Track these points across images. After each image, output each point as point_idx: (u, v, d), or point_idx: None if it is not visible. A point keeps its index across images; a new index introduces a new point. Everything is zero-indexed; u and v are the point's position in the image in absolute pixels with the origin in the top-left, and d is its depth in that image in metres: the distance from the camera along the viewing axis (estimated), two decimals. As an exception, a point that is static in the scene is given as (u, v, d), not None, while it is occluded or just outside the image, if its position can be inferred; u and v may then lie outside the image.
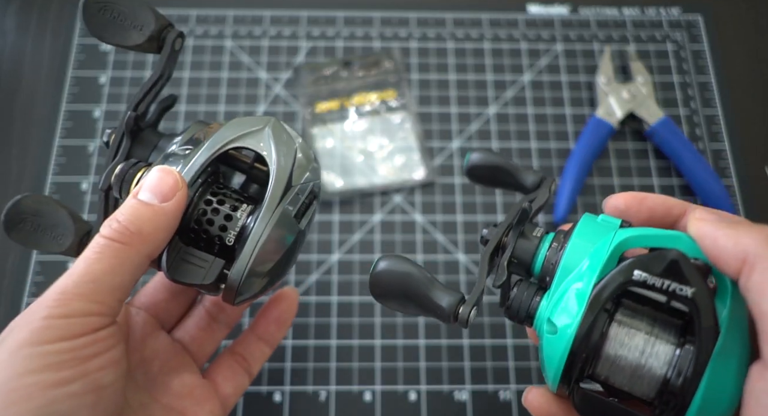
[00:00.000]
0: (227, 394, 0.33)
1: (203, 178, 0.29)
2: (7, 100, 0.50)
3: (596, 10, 0.55)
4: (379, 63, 0.52)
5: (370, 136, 0.49)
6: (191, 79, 0.51)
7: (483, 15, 0.55)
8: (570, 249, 0.25)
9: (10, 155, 0.48)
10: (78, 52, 0.52)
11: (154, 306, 0.33)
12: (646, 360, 0.23)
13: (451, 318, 0.25)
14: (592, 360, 0.23)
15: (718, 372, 0.21)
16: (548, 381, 0.25)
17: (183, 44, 0.31)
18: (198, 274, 0.28)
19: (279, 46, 0.53)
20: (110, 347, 0.24)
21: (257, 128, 0.29)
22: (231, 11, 0.54)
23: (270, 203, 0.27)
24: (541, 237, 0.26)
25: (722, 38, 0.54)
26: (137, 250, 0.25)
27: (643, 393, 0.23)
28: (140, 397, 0.29)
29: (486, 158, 0.29)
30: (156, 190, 0.26)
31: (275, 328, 0.36)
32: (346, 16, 0.54)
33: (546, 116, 0.51)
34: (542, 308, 0.25)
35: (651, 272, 0.22)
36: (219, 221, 0.28)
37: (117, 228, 0.25)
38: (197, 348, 0.33)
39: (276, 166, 0.28)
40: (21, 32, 0.53)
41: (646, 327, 0.23)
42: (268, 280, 0.29)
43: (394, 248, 0.46)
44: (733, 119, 0.51)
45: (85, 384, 0.23)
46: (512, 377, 0.42)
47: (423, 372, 0.42)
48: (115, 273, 0.24)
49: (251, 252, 0.27)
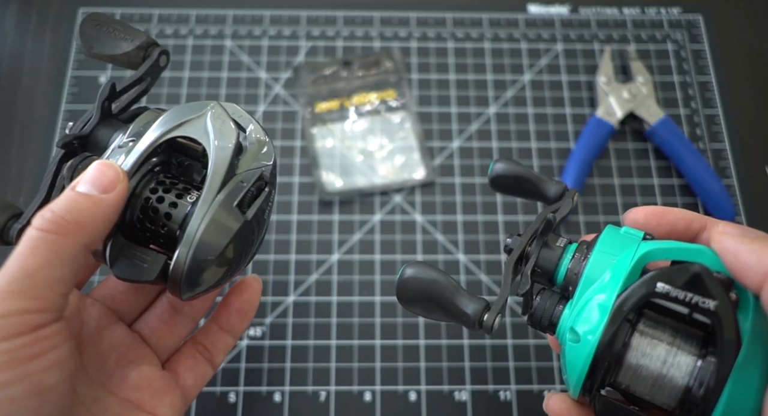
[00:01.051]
0: (188, 385, 0.32)
1: (147, 168, 0.28)
2: (7, 100, 0.50)
3: (596, 10, 0.55)
4: (379, 63, 0.52)
5: (370, 135, 0.49)
6: (191, 79, 0.51)
7: (483, 15, 0.54)
8: (593, 261, 0.25)
9: (9, 155, 0.48)
10: (78, 52, 0.52)
11: (113, 298, 0.32)
12: (668, 370, 0.23)
13: (476, 325, 0.25)
14: (614, 368, 0.24)
15: (740, 384, 0.22)
16: (570, 388, 0.25)
17: (167, 63, 0.32)
18: (139, 271, 0.27)
19: (279, 45, 0.53)
20: (54, 346, 0.23)
21: (197, 115, 0.28)
22: (231, 11, 0.54)
23: (207, 194, 0.27)
24: (564, 248, 0.27)
25: (722, 38, 0.54)
26: (74, 241, 0.24)
27: (664, 403, 0.23)
28: (95, 392, 0.28)
29: (510, 168, 0.29)
30: (96, 182, 0.25)
31: (237, 319, 0.34)
32: (346, 15, 0.54)
33: (546, 116, 0.51)
34: (565, 317, 0.25)
35: (674, 285, 0.23)
36: (164, 209, 0.28)
37: (51, 218, 0.24)
38: (157, 341, 0.32)
39: (213, 154, 0.27)
40: (20, 32, 0.53)
41: (668, 337, 0.24)
42: (218, 273, 0.28)
43: (394, 248, 0.46)
44: (734, 119, 0.51)
45: (27, 386, 0.22)
46: (512, 377, 0.42)
47: (423, 372, 0.42)
48: (52, 266, 0.23)
49: (189, 243, 0.26)
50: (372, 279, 0.45)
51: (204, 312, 0.35)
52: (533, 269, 0.26)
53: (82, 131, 0.29)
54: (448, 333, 0.43)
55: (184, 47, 0.52)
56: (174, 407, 0.30)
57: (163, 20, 0.53)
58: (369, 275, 0.45)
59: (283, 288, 0.44)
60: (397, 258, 0.46)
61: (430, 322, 0.43)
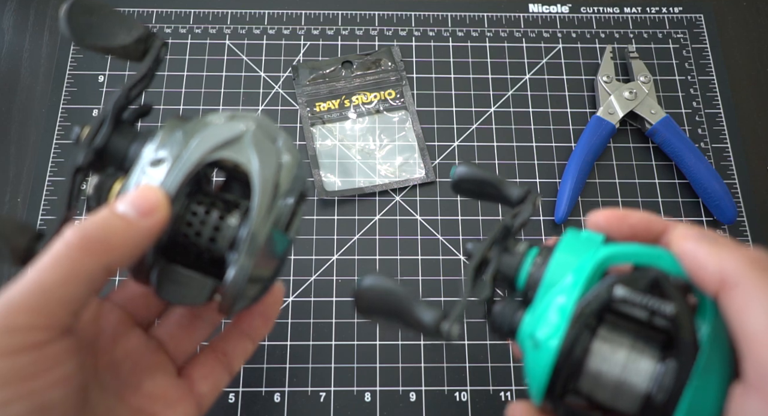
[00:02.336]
0: (203, 393, 0.32)
1: (186, 190, 0.28)
2: (5, 99, 0.50)
3: (597, 9, 0.55)
4: (378, 62, 0.51)
5: (370, 135, 0.49)
6: (190, 78, 0.51)
7: (484, 13, 0.54)
8: (553, 265, 0.25)
9: (8, 155, 0.48)
10: (76, 52, 0.51)
11: (132, 301, 0.32)
12: (629, 375, 0.23)
13: (434, 333, 0.25)
14: (576, 374, 0.23)
15: (700, 388, 0.22)
16: (532, 396, 0.25)
17: (167, 54, 0.31)
18: (189, 295, 0.27)
19: (278, 44, 0.52)
20: (59, 363, 0.22)
21: (236, 135, 0.28)
22: (230, 9, 0.54)
23: (258, 221, 0.27)
24: (524, 253, 0.27)
25: (724, 37, 0.54)
26: (96, 261, 0.23)
27: (626, 408, 0.23)
28: (107, 401, 0.28)
29: (471, 172, 0.29)
30: (136, 205, 0.25)
31: (260, 323, 0.34)
32: (345, 14, 0.54)
33: (547, 115, 0.50)
34: (525, 323, 0.25)
35: (633, 290, 0.23)
36: (208, 232, 0.28)
37: (81, 234, 0.23)
38: (175, 347, 0.32)
39: (260, 178, 0.27)
40: (18, 31, 0.53)
41: (629, 342, 0.23)
42: (262, 288, 0.28)
43: (394, 248, 0.46)
44: (735, 118, 0.50)
45: (29, 404, 0.21)
46: (512, 377, 0.42)
47: (423, 373, 0.42)
48: (68, 284, 0.23)
49: (244, 268, 0.26)
50: (372, 279, 0.45)
51: (222, 318, 0.35)
52: (494, 275, 0.26)
53: (97, 143, 0.28)
54: (449, 334, 0.43)
55: (182, 46, 0.52)
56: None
57: (162, 19, 0.53)
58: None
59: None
60: (397, 258, 0.45)
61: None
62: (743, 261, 0.21)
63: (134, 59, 0.30)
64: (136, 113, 0.31)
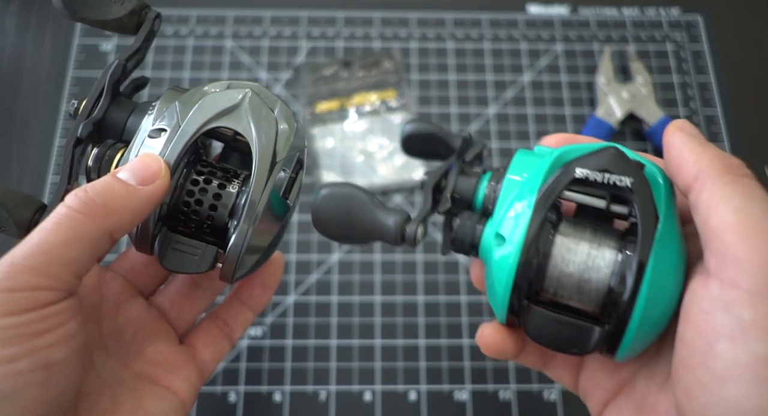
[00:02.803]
0: (206, 360, 0.32)
1: (185, 159, 0.28)
2: (7, 100, 0.50)
3: (596, 11, 0.55)
4: (379, 63, 0.52)
5: (370, 136, 0.49)
6: (192, 80, 0.51)
7: (483, 15, 0.55)
8: (510, 173, 0.25)
9: (10, 155, 0.48)
10: (78, 52, 0.52)
11: (133, 270, 0.32)
12: (591, 270, 0.23)
13: (399, 237, 0.25)
14: (540, 274, 0.24)
15: (661, 257, 0.22)
16: (497, 309, 0.25)
17: (160, 26, 0.31)
18: (192, 263, 0.28)
19: (279, 46, 0.53)
20: (62, 322, 0.23)
21: (234, 104, 0.28)
22: (231, 11, 0.54)
23: (257, 187, 0.27)
24: (480, 174, 0.27)
25: (722, 38, 0.54)
26: (97, 224, 0.24)
27: (590, 305, 0.23)
28: (111, 365, 0.29)
29: (420, 127, 0.29)
30: (137, 172, 0.25)
31: (260, 292, 0.35)
32: (346, 16, 0.54)
33: (546, 116, 0.51)
34: (487, 230, 0.25)
35: (591, 168, 0.23)
36: (208, 200, 0.28)
37: (82, 197, 0.24)
38: (176, 315, 0.33)
39: (258, 145, 0.27)
40: (21, 32, 0.53)
41: (590, 235, 0.24)
42: (262, 256, 0.29)
43: (393, 248, 0.46)
44: (733, 119, 0.51)
45: (33, 361, 0.22)
46: (512, 377, 0.42)
47: (423, 372, 0.42)
48: (71, 246, 0.23)
49: (245, 234, 0.27)
50: (372, 279, 0.45)
51: (224, 287, 0.35)
52: (452, 196, 0.26)
53: (96, 115, 0.28)
54: (448, 333, 0.43)
55: (184, 48, 0.52)
56: (190, 381, 0.31)
57: (164, 21, 0.53)
58: (369, 275, 0.45)
59: (283, 288, 0.45)
60: (397, 258, 0.46)
61: (431, 322, 0.44)
62: (719, 164, 0.22)
63: (128, 32, 0.30)
64: (133, 86, 0.31)
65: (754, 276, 0.19)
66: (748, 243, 0.20)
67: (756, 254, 0.19)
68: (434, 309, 0.44)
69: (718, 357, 0.19)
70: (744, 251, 0.19)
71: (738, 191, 0.21)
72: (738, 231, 0.20)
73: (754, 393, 0.18)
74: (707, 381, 0.20)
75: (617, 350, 0.23)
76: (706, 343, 0.20)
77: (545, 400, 0.42)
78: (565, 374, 0.28)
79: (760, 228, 0.20)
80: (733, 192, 0.21)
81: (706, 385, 0.20)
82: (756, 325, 0.19)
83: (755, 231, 0.20)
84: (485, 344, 0.26)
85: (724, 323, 0.19)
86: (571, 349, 0.24)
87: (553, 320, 0.24)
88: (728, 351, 0.19)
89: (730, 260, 0.20)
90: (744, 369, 0.19)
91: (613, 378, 0.26)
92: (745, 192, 0.21)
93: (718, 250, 0.20)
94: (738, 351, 0.19)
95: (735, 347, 0.19)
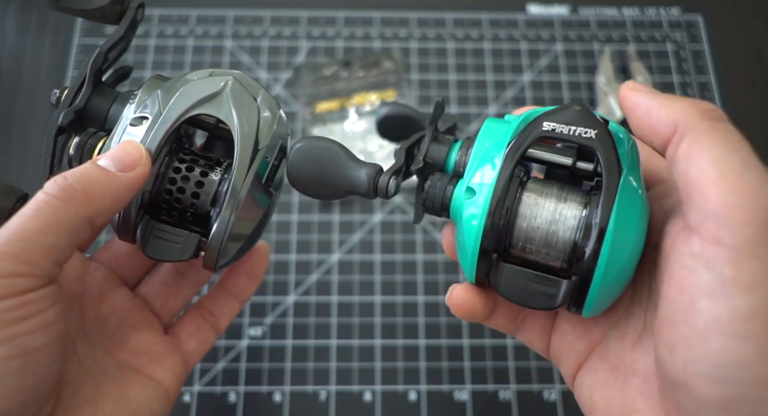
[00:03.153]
0: (190, 350, 0.32)
1: (167, 147, 0.28)
2: (8, 100, 0.50)
3: (596, 10, 0.55)
4: (379, 63, 0.52)
5: (370, 136, 0.49)
6: (191, 79, 0.51)
7: (483, 15, 0.55)
8: (481, 135, 0.26)
9: (10, 155, 0.48)
10: (78, 52, 0.52)
11: (117, 260, 0.32)
12: (560, 214, 0.24)
13: (371, 189, 0.25)
14: (510, 227, 0.24)
15: (624, 207, 0.22)
16: (468, 261, 0.25)
17: (143, 15, 0.31)
18: (175, 251, 0.28)
19: (279, 46, 0.53)
20: (41, 309, 0.23)
21: (216, 91, 0.28)
22: (231, 11, 0.54)
23: (239, 173, 0.27)
24: (452, 141, 0.28)
25: (722, 38, 0.54)
26: (76, 210, 0.24)
27: (558, 255, 0.24)
28: (94, 354, 0.29)
29: (395, 110, 0.29)
30: (117, 159, 0.25)
31: (246, 282, 0.35)
32: (346, 16, 0.54)
33: (546, 116, 0.51)
34: (457, 191, 0.25)
35: (558, 121, 0.24)
36: (190, 188, 0.28)
37: (61, 183, 0.24)
38: (161, 305, 0.33)
39: (239, 132, 0.27)
40: (21, 32, 0.53)
41: (557, 191, 0.24)
42: (246, 244, 0.29)
43: (394, 248, 0.46)
44: (733, 119, 0.51)
45: (11, 348, 0.22)
46: (512, 377, 0.42)
47: (423, 372, 0.42)
48: (48, 232, 0.23)
49: (226, 221, 0.27)
50: (372, 279, 0.45)
51: (209, 277, 0.35)
52: (425, 160, 0.27)
53: (77, 104, 0.28)
54: (448, 333, 0.43)
55: (184, 48, 0.52)
56: (174, 371, 0.31)
57: (164, 21, 0.53)
58: (369, 275, 0.45)
59: (283, 288, 0.45)
60: (397, 258, 0.46)
61: (431, 322, 0.43)
62: (694, 112, 0.21)
63: (111, 21, 0.30)
64: (116, 75, 0.31)
65: (735, 234, 0.19)
66: (729, 199, 0.19)
67: (737, 211, 0.19)
68: (434, 309, 0.44)
69: (700, 313, 0.19)
70: (725, 207, 0.19)
71: (717, 140, 0.20)
72: (718, 186, 0.19)
73: (736, 347, 0.19)
74: (689, 337, 0.20)
75: (584, 305, 0.23)
76: (688, 300, 0.20)
77: (545, 400, 0.42)
78: (537, 337, 0.28)
79: (741, 181, 0.19)
80: (712, 141, 0.20)
81: (688, 340, 0.20)
82: (737, 282, 0.19)
83: (736, 187, 0.19)
84: (455, 304, 0.26)
85: (705, 280, 0.19)
86: (540, 304, 0.24)
87: (521, 275, 0.24)
88: (710, 308, 0.19)
89: (711, 216, 0.19)
90: (725, 325, 0.19)
91: (584, 338, 0.26)
92: (725, 140, 0.21)
93: (699, 205, 0.20)
94: (720, 308, 0.19)
95: (717, 303, 0.19)
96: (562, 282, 0.24)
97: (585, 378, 0.26)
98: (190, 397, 0.41)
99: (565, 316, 0.27)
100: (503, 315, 0.28)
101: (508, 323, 0.28)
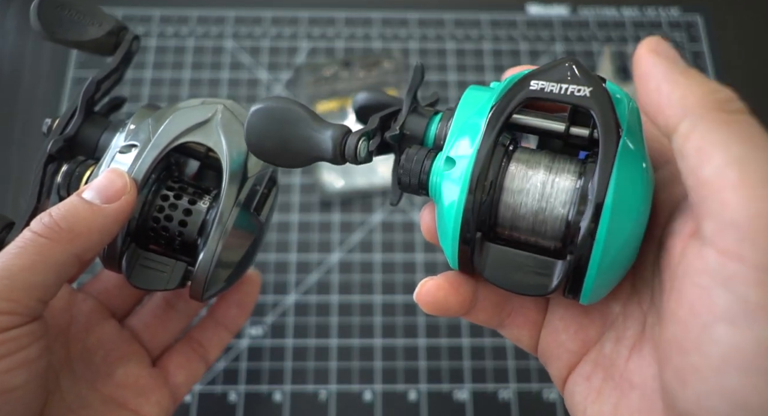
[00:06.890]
0: (178, 383, 0.32)
1: (155, 175, 0.28)
2: (8, 100, 0.50)
3: (595, 11, 0.55)
4: (379, 63, 0.52)
5: (370, 136, 0.49)
6: (192, 80, 0.51)
7: (482, 15, 0.55)
8: (462, 104, 0.23)
9: (10, 155, 0.48)
10: (78, 52, 0.52)
11: (106, 292, 0.32)
12: (551, 186, 0.21)
13: (338, 153, 0.23)
14: (495, 203, 0.21)
15: (625, 173, 0.19)
16: (449, 242, 0.22)
17: (139, 47, 0.31)
18: (161, 280, 0.27)
19: (279, 46, 0.53)
20: (22, 347, 0.23)
21: (205, 118, 0.28)
22: (232, 12, 0.54)
23: (227, 202, 0.27)
24: (432, 113, 0.25)
25: (721, 38, 0.54)
26: (63, 248, 0.23)
27: (551, 232, 0.21)
28: (78, 389, 0.28)
29: (372, 97, 0.27)
30: (102, 191, 0.25)
31: (236, 312, 0.34)
32: (346, 16, 0.54)
33: (546, 116, 0.51)
34: (436, 164, 0.22)
35: (547, 80, 0.21)
36: (178, 216, 0.28)
37: (47, 222, 0.24)
38: (150, 337, 0.32)
39: (228, 160, 0.27)
40: (21, 33, 0.53)
41: (547, 161, 0.21)
42: (234, 273, 0.28)
43: (394, 248, 0.46)
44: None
45: None
46: (512, 377, 0.42)
47: (423, 372, 0.42)
48: (35, 270, 0.23)
49: (213, 250, 0.26)
50: (372, 279, 0.45)
51: (199, 309, 0.35)
52: (402, 132, 0.24)
53: (68, 132, 0.28)
54: (448, 333, 0.43)
55: (184, 48, 0.52)
56: (161, 405, 0.30)
57: (164, 21, 0.53)
58: (369, 275, 0.45)
59: (283, 288, 0.45)
60: (397, 258, 0.46)
61: (431, 322, 0.44)
62: (711, 101, 0.18)
63: (105, 53, 0.30)
64: (109, 105, 0.31)
65: (761, 249, 0.16)
66: (753, 207, 0.16)
67: (763, 221, 0.16)
68: (434, 309, 0.44)
69: (716, 342, 0.16)
70: (748, 218, 0.16)
71: (735, 135, 0.17)
72: (739, 192, 0.16)
73: (763, 386, 0.16)
74: (703, 368, 0.17)
75: (581, 289, 0.20)
76: (701, 324, 0.17)
77: (545, 400, 0.42)
78: (525, 332, 0.25)
79: (767, 188, 0.16)
80: (730, 136, 0.17)
81: (701, 372, 0.17)
82: (764, 308, 0.16)
83: (762, 194, 0.16)
84: (423, 301, 0.23)
85: (724, 303, 0.16)
86: (531, 289, 0.21)
87: (509, 256, 0.21)
88: (729, 336, 0.16)
89: (731, 227, 0.16)
90: (748, 359, 0.16)
91: (578, 338, 0.23)
92: (745, 136, 0.17)
93: (715, 212, 0.17)
94: (741, 338, 0.16)
95: (738, 332, 0.16)
96: (556, 263, 0.21)
97: (578, 386, 0.23)
98: (191, 397, 0.41)
99: (557, 312, 0.24)
100: (485, 308, 0.24)
101: (492, 317, 0.25)
